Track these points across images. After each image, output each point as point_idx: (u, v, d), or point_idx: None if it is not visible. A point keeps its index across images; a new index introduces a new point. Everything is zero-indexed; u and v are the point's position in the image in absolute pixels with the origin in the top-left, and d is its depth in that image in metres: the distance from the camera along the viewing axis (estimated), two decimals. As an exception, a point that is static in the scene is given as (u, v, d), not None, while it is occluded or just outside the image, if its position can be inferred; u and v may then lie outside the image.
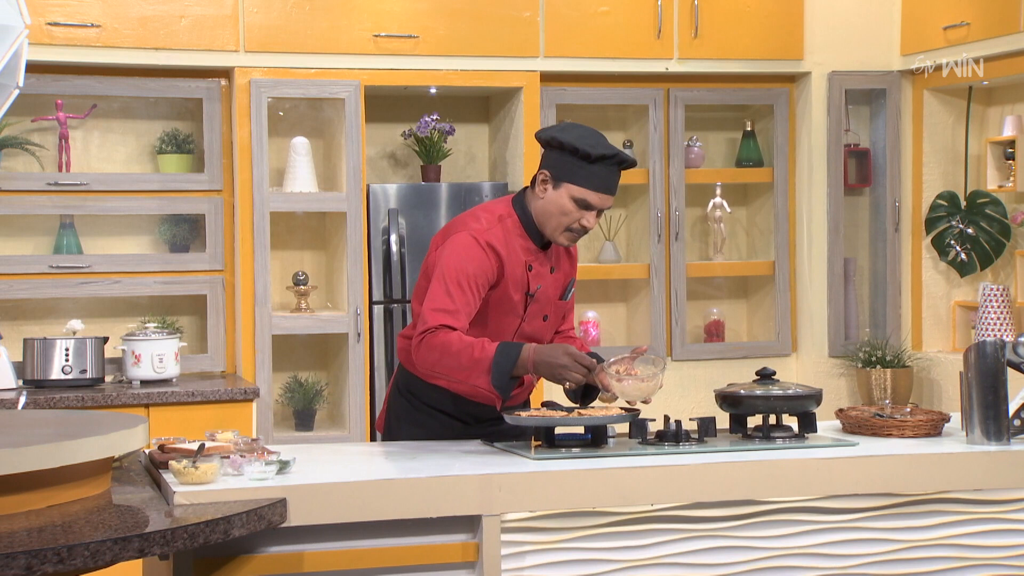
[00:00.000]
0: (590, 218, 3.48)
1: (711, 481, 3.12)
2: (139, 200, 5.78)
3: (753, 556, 3.16)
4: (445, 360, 3.37)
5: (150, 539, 2.43)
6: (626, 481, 3.06)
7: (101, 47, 5.56)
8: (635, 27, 6.14)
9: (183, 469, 2.82)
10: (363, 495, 2.88)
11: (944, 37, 6.12)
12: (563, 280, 3.67)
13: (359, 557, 2.89)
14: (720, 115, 6.69)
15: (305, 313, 5.89)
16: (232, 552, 2.80)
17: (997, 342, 3.31)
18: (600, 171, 3.44)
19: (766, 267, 6.57)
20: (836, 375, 6.49)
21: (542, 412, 3.36)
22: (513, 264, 3.51)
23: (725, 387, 3.53)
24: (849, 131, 6.58)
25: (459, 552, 2.97)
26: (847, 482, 3.20)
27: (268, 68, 5.75)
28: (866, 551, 3.23)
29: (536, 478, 3.02)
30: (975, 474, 3.26)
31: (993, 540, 3.31)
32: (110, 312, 5.90)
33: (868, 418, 3.51)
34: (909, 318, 6.57)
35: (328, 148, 6.08)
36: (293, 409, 6.00)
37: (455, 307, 3.39)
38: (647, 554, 3.11)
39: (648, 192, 6.36)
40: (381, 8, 5.84)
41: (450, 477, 2.96)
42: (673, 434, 3.34)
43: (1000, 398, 3.32)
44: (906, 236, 6.56)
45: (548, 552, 3.05)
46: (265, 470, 2.89)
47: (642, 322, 6.49)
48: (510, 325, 3.56)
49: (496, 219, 3.54)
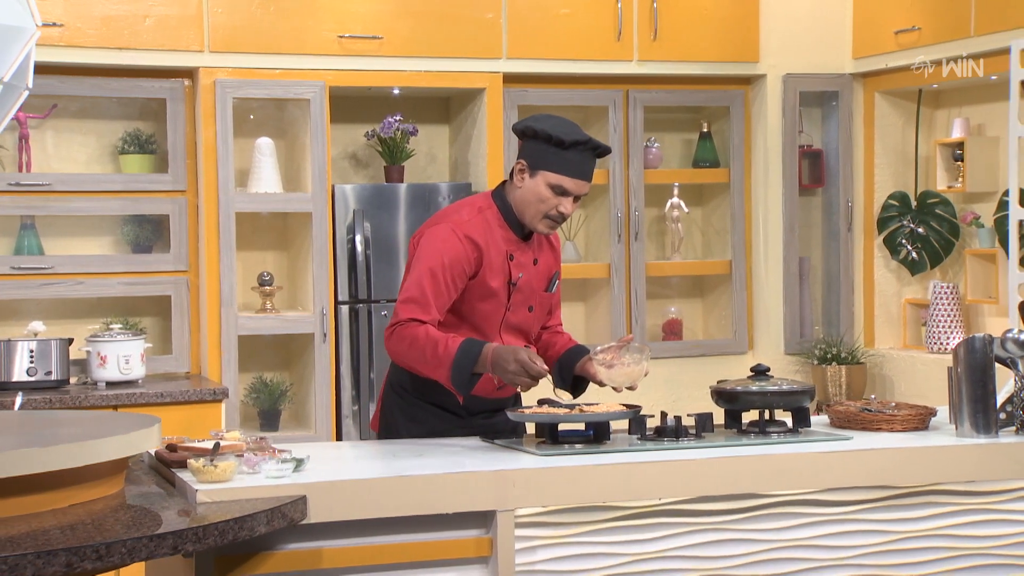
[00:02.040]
0: (567, 204, 3.55)
1: (714, 475, 3.19)
2: (102, 200, 5.74)
3: (755, 548, 3.24)
4: (411, 353, 3.46)
5: (184, 536, 2.45)
6: (634, 476, 3.12)
7: (63, 46, 5.51)
8: (596, 29, 6.22)
9: (202, 467, 2.83)
10: (380, 492, 2.91)
11: (896, 41, 6.26)
12: (547, 272, 3.74)
13: (376, 553, 2.92)
14: (677, 116, 6.79)
15: (270, 313, 5.88)
16: (252, 549, 2.82)
17: (986, 337, 3.41)
18: (574, 157, 3.52)
19: (723, 266, 6.68)
20: (792, 372, 6.60)
21: (544, 409, 3.41)
22: (493, 254, 3.58)
23: (719, 383, 3.60)
24: (803, 132, 6.71)
25: (473, 547, 3.01)
26: (844, 475, 3.29)
27: (233, 68, 5.73)
28: (862, 542, 3.32)
29: (547, 474, 3.07)
30: (966, 466, 3.36)
31: (984, 530, 3.41)
32: (73, 313, 5.85)
33: (857, 413, 3.60)
34: (862, 316, 6.71)
35: (292, 149, 6.08)
36: (258, 409, 6.00)
37: (426, 299, 3.48)
38: (655, 547, 3.17)
39: (608, 192, 6.43)
40: (345, 9, 5.86)
41: (464, 474, 3.01)
42: (673, 430, 3.40)
43: (988, 392, 3.42)
44: (858, 235, 6.70)
45: (559, 546, 3.11)
46: (282, 468, 2.91)
47: (601, 321, 6.56)
48: (495, 315, 3.62)
49: (476, 211, 3.62)
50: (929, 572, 3.37)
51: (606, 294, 6.49)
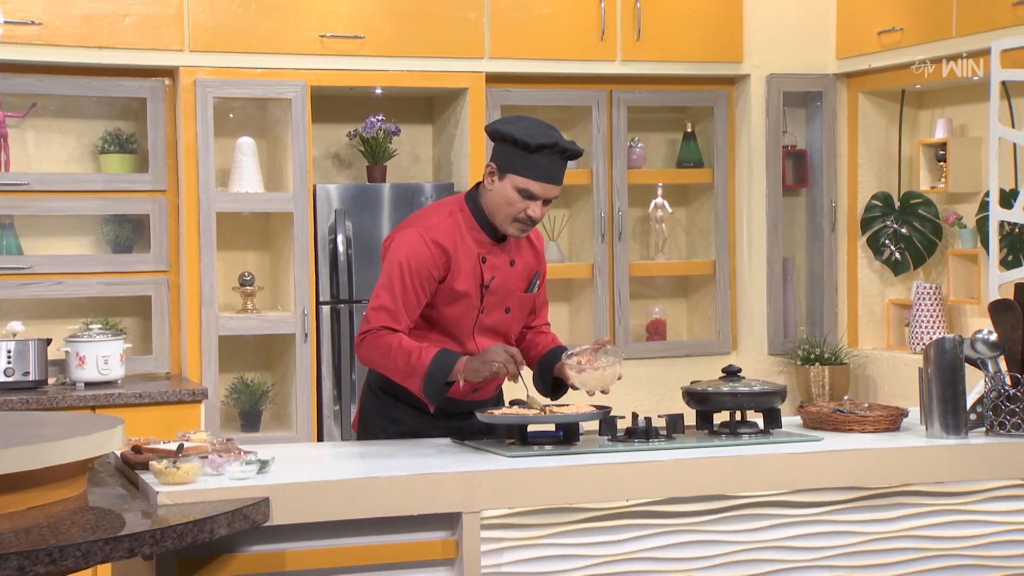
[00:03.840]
0: (535, 208, 3.52)
1: (683, 477, 3.18)
2: (81, 200, 5.72)
3: (725, 550, 3.22)
4: (384, 361, 3.48)
5: (140, 539, 2.43)
6: (602, 477, 3.11)
7: (42, 45, 5.49)
8: (579, 29, 6.20)
9: (164, 469, 2.81)
10: (345, 493, 2.90)
11: (879, 42, 6.25)
12: (526, 273, 3.71)
13: (341, 555, 2.91)
14: (661, 116, 6.77)
15: (251, 314, 5.87)
16: (214, 551, 2.80)
17: (956, 338, 3.40)
18: (541, 161, 3.48)
19: (706, 267, 6.66)
20: (775, 373, 6.59)
21: (514, 411, 3.40)
22: (463, 257, 3.56)
23: (691, 384, 3.59)
24: (787, 133, 6.70)
25: (439, 549, 2.99)
26: (814, 476, 3.27)
27: (214, 68, 5.72)
28: (833, 543, 3.31)
29: (514, 475, 3.05)
30: (936, 467, 3.35)
31: (953, 531, 3.40)
32: (52, 314, 5.82)
33: (829, 414, 3.58)
34: (845, 316, 6.70)
35: (274, 148, 6.06)
36: (239, 410, 5.98)
37: (396, 307, 3.48)
38: (623, 549, 3.15)
39: (591, 192, 6.42)
40: (327, 8, 5.84)
41: (431, 475, 2.99)
42: (643, 431, 3.39)
43: (959, 393, 3.41)
44: (842, 236, 6.68)
45: (526, 548, 3.09)
46: (246, 470, 2.89)
47: (585, 321, 6.55)
48: (467, 317, 3.60)
49: (447, 214, 3.60)
50: (900, 573, 3.36)
51: (589, 294, 6.48)
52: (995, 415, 3.46)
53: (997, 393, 3.45)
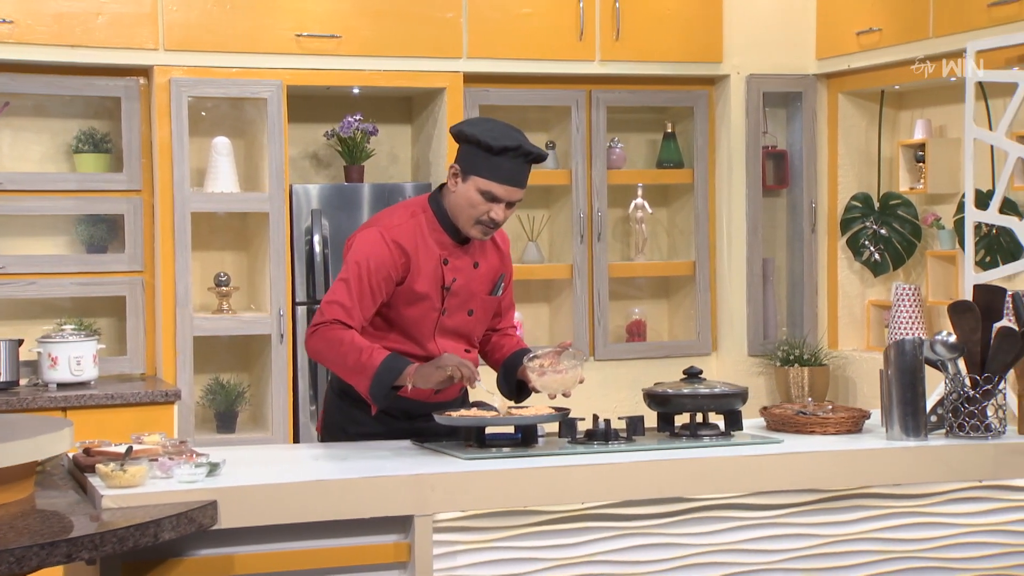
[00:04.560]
0: (498, 211, 3.50)
1: (640, 479, 3.15)
2: (55, 200, 5.69)
3: (682, 553, 3.20)
4: (333, 355, 3.44)
5: (78, 544, 2.40)
6: (557, 480, 3.08)
7: (14, 43, 5.46)
8: (557, 29, 6.18)
9: (111, 472, 2.79)
10: (294, 496, 2.88)
11: (857, 42, 6.23)
12: (490, 275, 3.68)
13: (290, 559, 2.88)
14: (641, 116, 6.75)
15: (227, 314, 5.84)
16: (161, 555, 2.78)
17: (916, 340, 3.38)
18: (504, 163, 3.46)
19: (687, 267, 6.64)
20: (755, 374, 6.57)
21: (473, 412, 3.37)
22: (424, 259, 3.53)
23: (652, 386, 3.56)
24: (767, 133, 6.67)
25: (391, 552, 2.97)
26: (773, 479, 3.25)
27: (188, 67, 5.69)
28: (791, 546, 3.28)
29: (468, 478, 3.03)
30: (895, 469, 3.33)
31: (912, 533, 3.38)
32: (25, 314, 5.80)
33: (792, 416, 3.56)
34: (825, 317, 6.68)
35: (250, 148, 6.04)
36: (215, 411, 5.95)
37: (352, 304, 3.45)
38: (578, 552, 3.13)
39: (571, 193, 6.39)
40: (303, 8, 5.82)
41: (382, 478, 2.96)
42: (602, 433, 3.37)
43: (918, 395, 3.39)
44: (822, 236, 6.66)
45: (480, 551, 3.07)
46: (195, 472, 2.87)
47: (565, 322, 6.52)
48: (427, 319, 3.57)
49: (409, 215, 3.58)
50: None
51: (569, 295, 6.45)
52: (955, 417, 3.44)
53: (957, 395, 3.43)
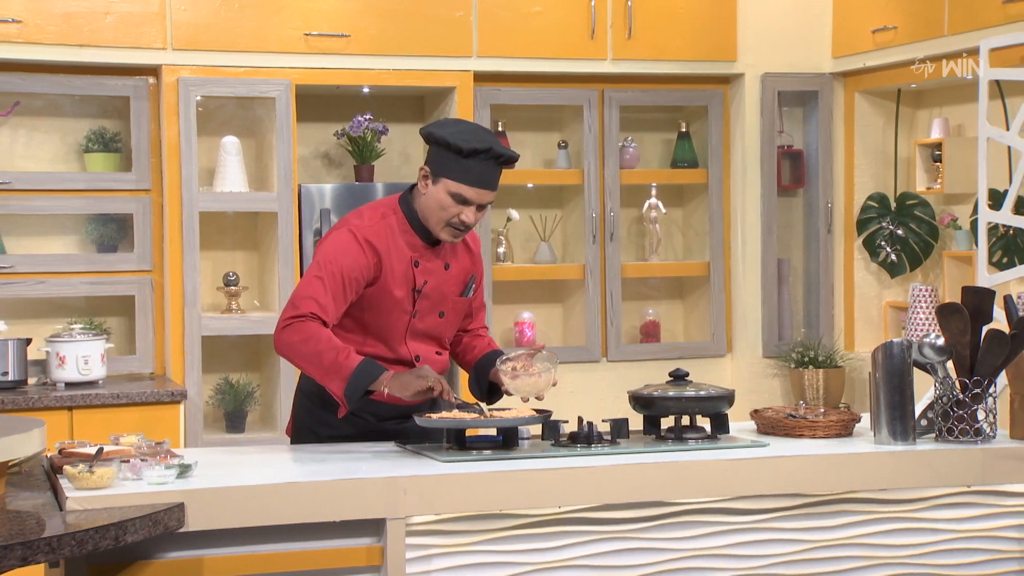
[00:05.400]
0: (469, 213, 3.46)
1: (620, 483, 3.10)
2: (65, 199, 5.70)
3: (662, 558, 3.15)
4: (306, 350, 3.35)
5: (34, 546, 2.37)
6: (533, 483, 3.04)
7: (23, 43, 5.47)
8: (569, 28, 6.13)
9: (78, 474, 2.77)
10: (264, 499, 2.85)
11: (873, 40, 6.15)
12: (461, 277, 3.65)
13: (260, 562, 2.86)
14: (655, 116, 6.69)
15: (235, 314, 5.83)
16: (129, 558, 2.76)
17: (904, 342, 3.32)
18: (475, 166, 3.42)
19: (701, 268, 6.58)
20: (770, 375, 6.51)
21: (453, 414, 3.34)
22: (395, 260, 3.50)
23: (639, 388, 3.52)
24: (783, 132, 6.60)
25: (363, 556, 2.94)
26: (756, 483, 3.19)
27: (197, 66, 5.69)
28: (775, 551, 3.23)
29: (442, 481, 2.99)
30: (881, 474, 3.26)
31: (898, 539, 3.32)
32: (35, 313, 5.81)
33: (781, 419, 3.51)
34: (842, 318, 6.60)
35: (260, 147, 6.03)
36: (224, 411, 5.95)
37: (326, 301, 3.39)
38: (555, 556, 3.09)
39: (583, 193, 6.35)
40: (312, 7, 5.80)
41: (353, 480, 2.93)
42: (585, 436, 3.32)
43: (906, 398, 3.32)
44: (838, 237, 6.58)
45: (455, 555, 3.03)
46: (164, 474, 2.85)
47: (578, 323, 6.48)
48: (398, 322, 3.53)
49: (379, 216, 3.54)
50: (843, 583, 3.29)
51: (582, 296, 6.41)
52: (944, 421, 3.38)
53: (946, 399, 3.36)
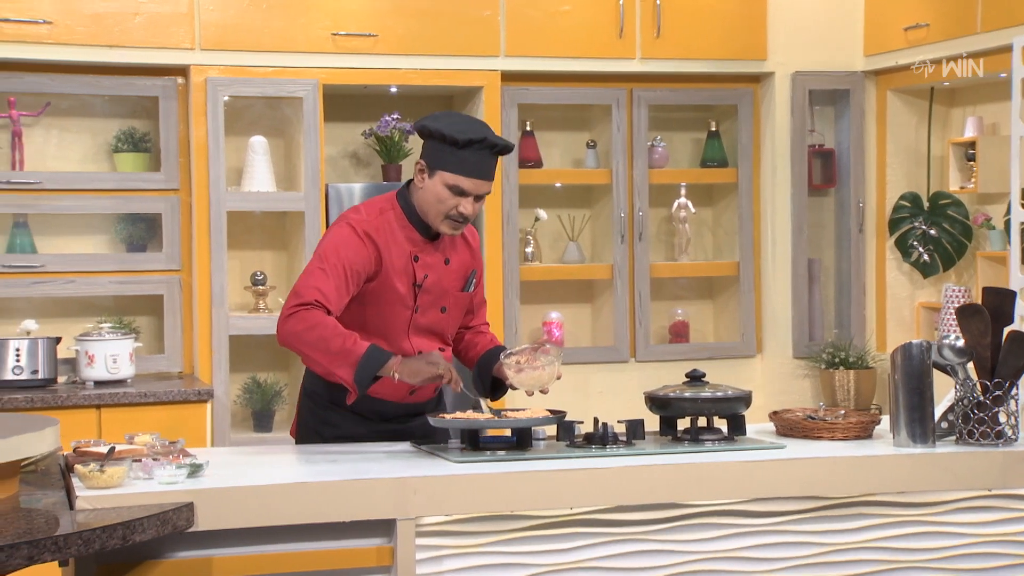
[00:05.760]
0: (467, 204, 3.46)
1: (633, 484, 3.08)
2: (94, 199, 5.73)
3: (676, 560, 3.12)
4: (312, 338, 3.33)
5: (40, 545, 2.38)
6: (544, 484, 3.02)
7: (53, 44, 5.50)
8: (597, 27, 6.11)
9: (88, 473, 2.78)
10: (273, 499, 2.85)
11: (905, 38, 6.09)
12: (462, 271, 3.64)
13: (270, 562, 2.85)
14: (685, 115, 6.65)
15: (263, 313, 5.85)
16: (138, 557, 2.76)
17: (923, 343, 3.27)
18: (471, 156, 3.43)
19: (730, 267, 6.54)
20: (800, 376, 6.45)
21: (467, 415, 3.33)
22: (395, 255, 3.50)
23: (656, 389, 3.49)
24: (814, 131, 6.55)
25: (374, 556, 2.93)
26: (771, 485, 3.16)
27: (225, 66, 5.70)
28: (790, 554, 3.19)
29: (452, 481, 2.98)
30: (899, 477, 3.22)
31: (917, 543, 3.27)
32: (64, 312, 5.85)
33: (800, 420, 3.47)
34: (873, 319, 6.53)
35: (288, 147, 6.04)
36: (252, 410, 5.96)
37: (330, 290, 3.39)
38: (568, 558, 3.07)
39: (611, 192, 6.32)
40: (339, 7, 5.81)
41: (363, 480, 2.92)
42: (600, 437, 3.30)
43: (926, 400, 3.28)
44: (870, 237, 6.52)
45: (466, 556, 3.02)
46: (175, 473, 2.85)
47: (606, 323, 6.45)
48: (400, 316, 3.53)
49: (377, 211, 3.55)
50: (861, 586, 3.25)
51: (610, 296, 6.38)
52: (964, 423, 3.33)
53: (967, 401, 3.32)
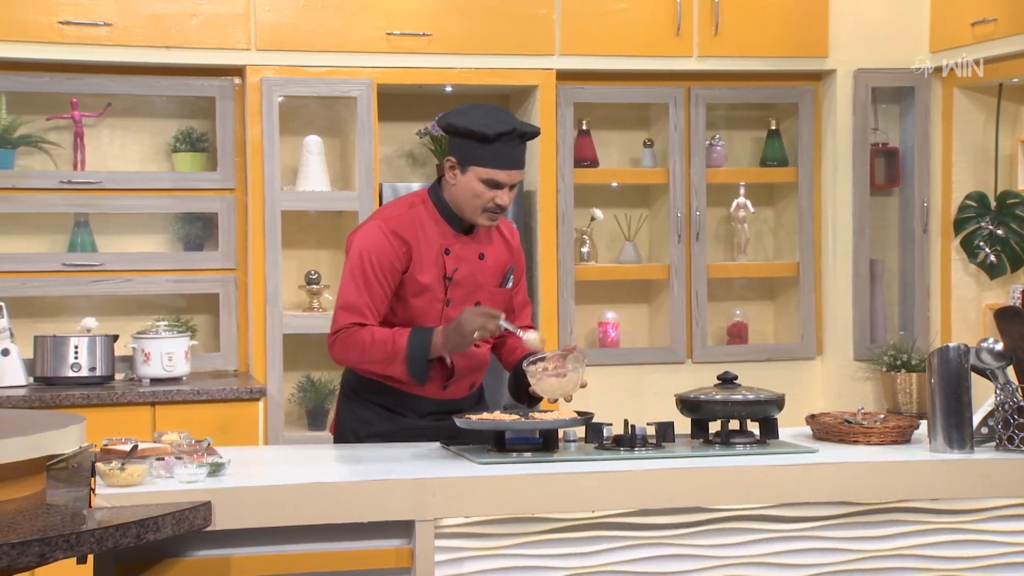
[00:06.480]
0: (503, 196, 3.48)
1: (656, 487, 3.03)
2: (153, 198, 5.78)
3: (701, 565, 3.07)
4: (361, 357, 3.48)
5: (52, 543, 2.39)
6: (566, 487, 2.99)
7: (113, 45, 5.57)
8: (653, 24, 6.05)
9: (109, 471, 2.80)
10: (291, 498, 2.84)
11: (972, 33, 5.95)
12: (498, 267, 3.64)
13: (288, 562, 2.85)
14: (744, 114, 6.57)
15: (317, 312, 5.87)
16: (157, 556, 2.77)
17: (960, 347, 3.19)
18: (502, 148, 3.43)
19: (790, 268, 6.45)
20: (861, 379, 6.35)
21: (494, 415, 3.30)
22: (425, 248, 3.52)
23: (687, 391, 3.44)
24: (877, 130, 6.43)
25: (393, 557, 2.91)
26: (800, 489, 3.10)
27: (280, 66, 5.73)
28: (819, 560, 3.13)
29: (472, 483, 2.96)
30: (932, 483, 3.14)
31: (952, 551, 3.19)
32: (123, 310, 5.91)
33: (836, 424, 3.40)
34: (938, 321, 6.40)
35: (343, 147, 6.06)
36: (306, 408, 5.99)
37: (363, 301, 3.46)
38: (590, 561, 3.03)
39: (668, 192, 6.26)
40: (394, 6, 5.81)
41: (382, 481, 2.91)
42: (628, 439, 3.26)
43: (963, 404, 3.20)
44: (935, 237, 6.39)
45: (487, 558, 2.99)
46: (196, 472, 2.86)
47: (663, 323, 6.39)
48: (431, 309, 3.55)
49: (407, 207, 3.58)
50: (893, 594, 3.17)
51: (667, 296, 6.32)
52: (1004, 429, 3.24)
53: (1008, 406, 3.23)
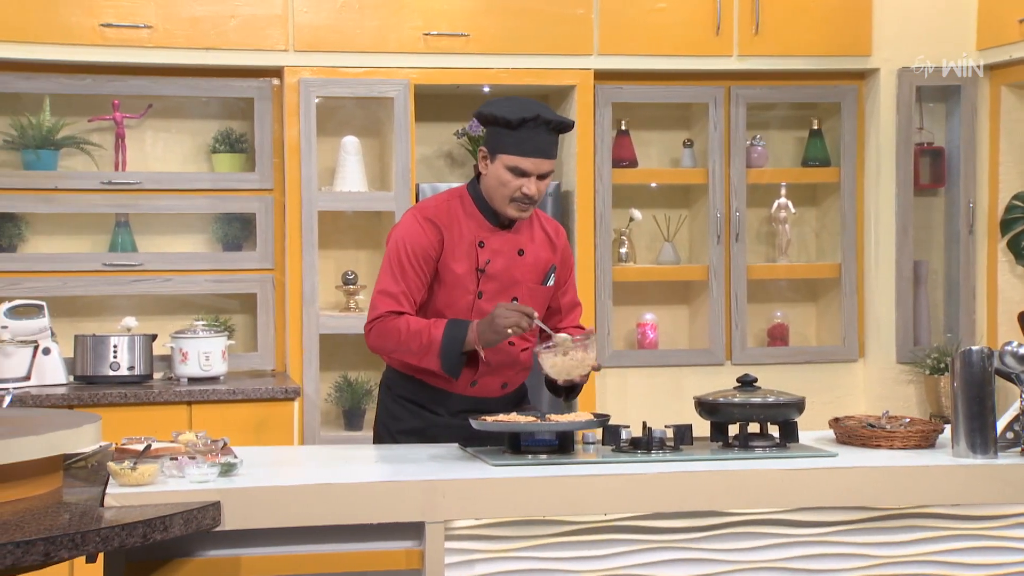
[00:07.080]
0: (530, 185, 3.49)
1: (671, 490, 3.00)
2: (192, 199, 5.83)
3: (715, 570, 3.03)
4: (396, 346, 3.51)
5: (56, 542, 2.40)
6: (577, 489, 2.96)
7: (153, 47, 5.62)
8: (693, 24, 6.01)
9: (120, 470, 2.81)
10: (301, 499, 2.84)
11: (1020, 31, 5.86)
12: (538, 265, 3.65)
13: (299, 562, 2.85)
14: (785, 113, 6.51)
15: (353, 312, 5.88)
16: (167, 555, 2.78)
17: (984, 350, 3.13)
18: (527, 135, 3.44)
19: (832, 269, 6.37)
20: (904, 382, 6.26)
21: (511, 417, 3.28)
22: (458, 237, 3.55)
23: (705, 394, 3.41)
24: (923, 129, 6.34)
25: (403, 559, 2.91)
26: (817, 494, 3.05)
27: (317, 67, 5.75)
28: (837, 567, 3.08)
29: (483, 485, 2.94)
30: (954, 489, 3.08)
31: (974, 558, 3.13)
32: (163, 310, 5.96)
33: (859, 428, 3.36)
34: (984, 323, 6.30)
35: (381, 147, 6.07)
36: (342, 408, 6.01)
37: (399, 289, 3.51)
38: (602, 565, 3.00)
39: (707, 192, 6.21)
40: (431, 7, 5.81)
41: (391, 483, 2.90)
42: (645, 442, 3.23)
43: (986, 409, 3.14)
44: (981, 238, 6.29)
45: (498, 561, 2.97)
46: (207, 472, 2.86)
47: (702, 325, 6.35)
48: (461, 300, 3.57)
49: (445, 199, 3.63)
50: (913, 601, 3.12)
51: (707, 297, 6.27)
52: (1028, 435, 3.18)
53: (1031, 411, 3.17)
